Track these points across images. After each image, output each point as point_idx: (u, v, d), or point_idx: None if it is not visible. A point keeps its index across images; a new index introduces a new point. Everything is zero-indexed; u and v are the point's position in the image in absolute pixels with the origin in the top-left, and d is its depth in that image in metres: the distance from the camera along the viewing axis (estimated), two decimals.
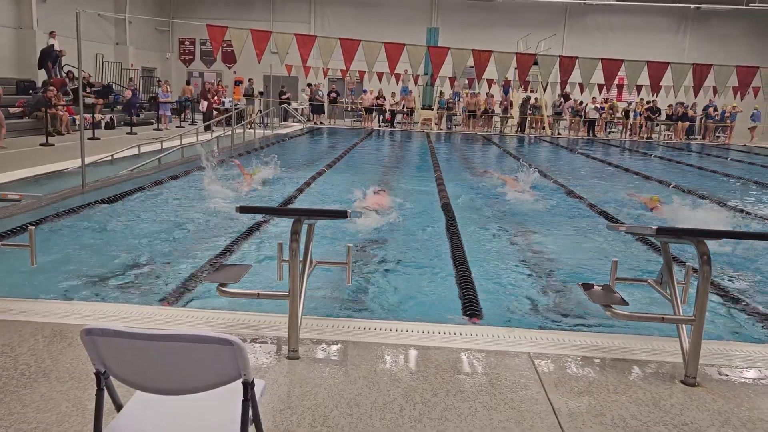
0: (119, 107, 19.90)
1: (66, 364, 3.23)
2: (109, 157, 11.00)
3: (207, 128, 16.97)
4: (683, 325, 3.41)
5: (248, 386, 1.90)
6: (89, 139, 14.11)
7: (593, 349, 3.74)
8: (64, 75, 18.42)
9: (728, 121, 25.76)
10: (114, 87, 21.65)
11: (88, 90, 17.85)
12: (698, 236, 3.38)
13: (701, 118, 26.15)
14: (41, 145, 13.45)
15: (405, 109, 26.71)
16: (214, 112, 21.41)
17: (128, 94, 19.48)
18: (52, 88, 16.03)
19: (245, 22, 21.53)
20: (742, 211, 9.46)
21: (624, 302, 3.48)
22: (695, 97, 17.91)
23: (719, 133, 26.19)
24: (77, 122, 14.84)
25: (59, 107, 15.80)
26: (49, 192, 8.16)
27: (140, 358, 1.88)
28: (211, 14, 26.12)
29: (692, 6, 27.06)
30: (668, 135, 26.12)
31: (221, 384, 1.90)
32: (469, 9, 28.21)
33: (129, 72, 24.07)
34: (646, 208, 9.27)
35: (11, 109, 15.59)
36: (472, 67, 14.52)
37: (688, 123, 25.78)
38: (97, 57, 22.03)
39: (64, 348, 3.43)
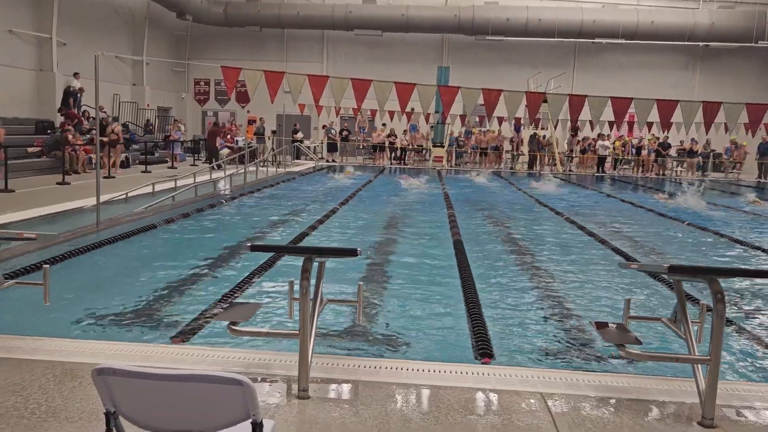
0: (135, 146, 20.27)
1: (76, 404, 3.22)
2: (124, 196, 11.13)
3: (218, 167, 17.15)
4: (699, 365, 3.36)
5: (257, 427, 1.88)
6: (105, 177, 14.31)
7: (608, 390, 3.67)
8: (81, 113, 18.86)
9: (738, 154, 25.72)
10: (130, 126, 22.14)
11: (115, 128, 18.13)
12: (711, 274, 3.35)
13: (710, 154, 26.11)
14: (58, 183, 13.66)
15: (415, 147, 26.91)
16: (228, 150, 21.72)
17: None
18: (69, 128, 16.36)
19: (259, 63, 22.05)
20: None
21: (638, 341, 3.44)
22: (707, 133, 17.93)
23: (733, 168, 26.12)
24: (94, 161, 15.09)
25: (77, 146, 16.09)
26: (64, 230, 8.25)
27: (150, 398, 1.88)
28: (226, 55, 26.56)
29: (701, 44, 27.26)
30: (680, 171, 26.07)
31: (230, 424, 1.89)
32: (480, 48, 28.61)
33: (145, 112, 24.56)
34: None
35: (29, 149, 15.91)
36: (483, 105, 14.70)
37: (696, 159, 25.76)
38: (115, 97, 22.53)
39: (75, 387, 3.42)
